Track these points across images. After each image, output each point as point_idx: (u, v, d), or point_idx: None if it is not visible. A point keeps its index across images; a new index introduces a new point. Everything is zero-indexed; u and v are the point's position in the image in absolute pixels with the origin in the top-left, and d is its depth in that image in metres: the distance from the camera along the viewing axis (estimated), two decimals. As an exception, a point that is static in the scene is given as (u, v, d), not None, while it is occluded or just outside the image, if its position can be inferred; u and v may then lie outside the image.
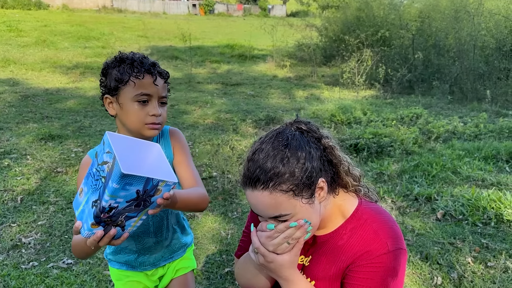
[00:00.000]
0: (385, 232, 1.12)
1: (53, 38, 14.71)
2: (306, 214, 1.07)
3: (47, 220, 3.36)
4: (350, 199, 1.20)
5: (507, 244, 3.11)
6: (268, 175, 1.03)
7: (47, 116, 6.32)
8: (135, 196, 1.04)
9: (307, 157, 1.06)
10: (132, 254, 1.56)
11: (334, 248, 1.17)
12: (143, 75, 1.33)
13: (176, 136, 1.53)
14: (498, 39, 9.10)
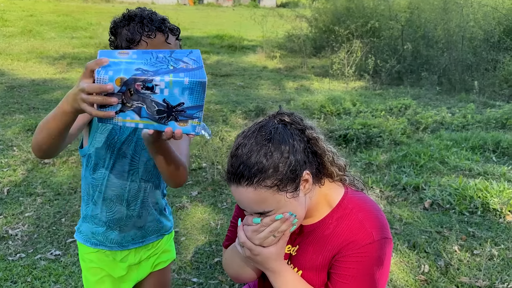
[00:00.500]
0: (370, 221, 1.13)
1: (39, 28, 14.48)
2: (291, 207, 1.08)
3: (34, 211, 3.33)
4: (336, 189, 1.21)
5: (492, 232, 3.16)
6: (252, 171, 1.03)
7: (34, 107, 6.24)
8: (175, 103, 1.03)
9: (290, 150, 1.05)
10: (101, 226, 1.50)
11: (321, 238, 1.17)
12: (155, 34, 1.29)
13: None
14: (486, 30, 9.16)
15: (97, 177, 1.45)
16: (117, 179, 1.45)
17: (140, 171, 1.46)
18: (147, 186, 1.50)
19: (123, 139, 1.41)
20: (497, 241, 3.03)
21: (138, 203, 1.50)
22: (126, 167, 1.44)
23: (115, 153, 1.42)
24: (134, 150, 1.43)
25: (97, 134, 1.40)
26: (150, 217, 1.56)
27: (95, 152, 1.42)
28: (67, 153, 4.44)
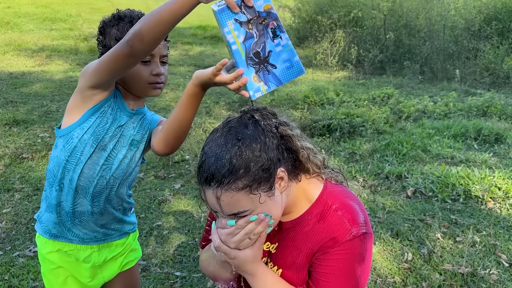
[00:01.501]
0: (350, 217, 1.10)
1: (17, 20, 14.12)
2: (266, 207, 1.04)
3: (12, 207, 3.25)
4: (314, 183, 1.17)
5: (474, 219, 3.19)
6: (222, 173, 0.98)
7: (12, 100, 6.08)
8: (274, 62, 1.11)
9: (262, 148, 1.01)
10: (63, 216, 1.43)
11: (301, 235, 1.14)
12: None
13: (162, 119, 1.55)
14: (467, 19, 9.23)
15: (71, 161, 1.38)
16: (88, 169, 1.39)
17: (113, 168, 1.43)
18: (115, 184, 1.45)
19: (110, 132, 1.39)
20: (479, 228, 3.07)
21: (102, 199, 1.44)
22: (101, 160, 1.40)
23: (96, 142, 1.38)
24: (115, 145, 1.41)
25: (91, 118, 1.36)
26: (112, 216, 1.51)
27: (79, 135, 1.37)
28: (46, 147, 4.35)
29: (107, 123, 1.38)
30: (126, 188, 1.51)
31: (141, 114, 1.47)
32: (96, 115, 1.36)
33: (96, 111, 1.36)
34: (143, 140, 1.48)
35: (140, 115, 1.47)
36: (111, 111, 1.38)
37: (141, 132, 1.46)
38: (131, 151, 1.45)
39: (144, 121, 1.48)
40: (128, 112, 1.42)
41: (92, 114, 1.36)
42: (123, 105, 1.41)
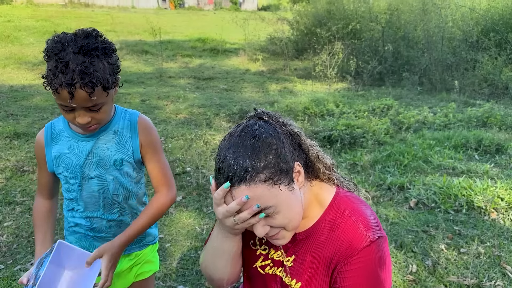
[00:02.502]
0: (364, 222, 1.09)
1: (18, 34, 14.21)
2: (289, 201, 1.03)
3: (13, 221, 3.23)
4: (327, 188, 1.17)
5: (478, 230, 3.18)
6: (243, 168, 0.98)
7: (12, 113, 6.09)
8: None
9: (278, 142, 1.02)
10: (83, 235, 1.50)
11: (317, 245, 1.13)
12: (60, 89, 1.18)
13: (145, 129, 1.45)
14: (465, 30, 9.31)
15: (69, 197, 1.46)
16: (89, 198, 1.44)
17: (111, 188, 1.43)
18: (120, 200, 1.47)
19: (82, 163, 1.39)
20: (483, 239, 3.05)
21: (115, 214, 1.48)
22: (95, 187, 1.42)
23: (79, 178, 1.40)
24: (99, 170, 1.40)
25: (56, 162, 1.41)
26: None
27: (64, 181, 1.44)
28: (47, 160, 4.34)
29: (71, 160, 1.39)
30: (135, 199, 1.52)
31: (105, 133, 1.40)
32: (56, 162, 1.41)
33: (52, 158, 1.41)
34: (127, 156, 1.43)
35: (106, 134, 1.40)
36: (68, 151, 1.39)
37: (121, 150, 1.41)
38: (120, 169, 1.43)
39: (121, 138, 1.42)
40: (85, 137, 1.38)
41: (52, 160, 1.41)
42: (75, 134, 1.39)
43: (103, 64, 1.23)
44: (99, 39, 1.26)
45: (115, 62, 1.28)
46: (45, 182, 1.48)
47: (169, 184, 1.49)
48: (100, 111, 1.28)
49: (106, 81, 1.23)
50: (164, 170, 1.49)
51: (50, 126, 1.44)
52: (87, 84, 1.18)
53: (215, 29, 17.91)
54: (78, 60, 1.18)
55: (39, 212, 1.49)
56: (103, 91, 1.24)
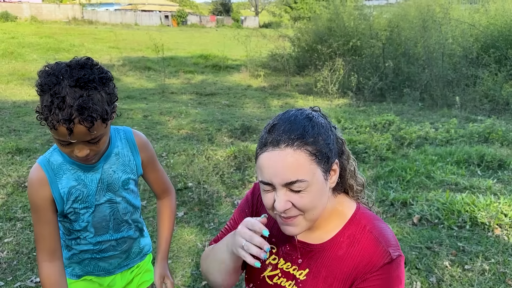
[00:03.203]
0: (385, 238, 1.07)
1: (21, 50, 14.36)
2: (320, 189, 1.01)
3: (14, 237, 3.21)
4: (348, 202, 1.15)
5: (482, 246, 3.15)
6: (294, 134, 0.98)
7: (15, 129, 6.11)
8: None
9: (329, 132, 1.04)
10: (89, 259, 1.47)
11: (334, 259, 1.10)
12: (58, 125, 1.12)
13: (144, 146, 1.46)
14: (465, 47, 9.38)
15: (76, 228, 1.41)
16: (99, 223, 1.42)
17: (120, 208, 1.43)
18: (127, 217, 1.48)
19: (94, 191, 1.36)
20: (487, 256, 3.02)
21: (123, 231, 1.48)
22: (107, 211, 1.41)
23: (93, 207, 1.37)
24: (109, 195, 1.40)
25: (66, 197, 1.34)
26: (133, 240, 1.54)
27: (72, 213, 1.37)
28: (48, 175, 4.33)
29: (82, 191, 1.35)
30: (138, 213, 1.54)
31: (109, 157, 1.38)
32: (67, 196, 1.34)
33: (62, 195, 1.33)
34: (132, 174, 1.44)
35: (109, 158, 1.38)
36: (76, 183, 1.34)
37: (126, 169, 1.42)
38: (127, 188, 1.43)
39: (123, 158, 1.41)
40: (92, 167, 1.35)
41: (61, 198, 1.33)
42: (80, 165, 1.33)
43: (101, 95, 1.16)
44: (95, 69, 1.18)
45: (112, 91, 1.22)
46: (50, 233, 1.32)
47: (169, 189, 1.58)
48: (99, 143, 1.24)
49: (105, 113, 1.17)
50: (164, 176, 1.56)
51: (47, 162, 1.31)
52: (86, 119, 1.12)
53: (217, 46, 18.09)
54: (75, 94, 1.10)
55: (52, 279, 1.32)
56: (102, 123, 1.18)
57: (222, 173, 4.53)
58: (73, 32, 22.16)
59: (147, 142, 1.48)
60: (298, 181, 0.98)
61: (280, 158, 0.98)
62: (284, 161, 0.98)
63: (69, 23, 29.60)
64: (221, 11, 54.84)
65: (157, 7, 47.14)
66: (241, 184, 4.36)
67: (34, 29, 21.52)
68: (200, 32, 32.82)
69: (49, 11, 31.16)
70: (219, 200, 3.97)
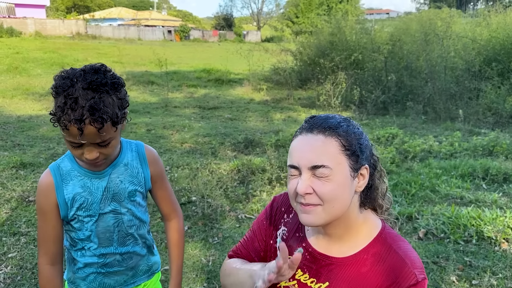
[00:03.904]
0: (411, 260, 1.05)
1: (26, 65, 14.48)
2: (344, 183, 1.03)
3: (18, 252, 3.20)
4: (374, 219, 1.15)
5: (489, 261, 3.11)
6: (328, 124, 1.05)
7: (19, 143, 6.13)
8: None
9: (363, 137, 1.08)
10: (94, 273, 1.45)
11: (357, 275, 1.08)
12: (70, 125, 1.17)
13: (154, 161, 1.48)
14: (467, 60, 9.42)
15: (80, 237, 1.42)
16: (103, 234, 1.42)
17: (125, 220, 1.43)
18: (133, 231, 1.46)
19: (99, 200, 1.37)
20: (495, 270, 2.99)
21: (128, 246, 1.47)
22: (111, 221, 1.41)
23: (96, 215, 1.38)
24: (114, 205, 1.40)
25: (70, 203, 1.37)
26: (140, 256, 1.52)
27: (75, 221, 1.39)
28: (52, 190, 4.33)
29: (87, 198, 1.36)
30: (145, 228, 1.52)
31: (117, 167, 1.40)
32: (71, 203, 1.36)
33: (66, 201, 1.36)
34: (139, 186, 1.44)
35: (117, 168, 1.40)
36: (82, 190, 1.36)
37: (134, 181, 1.43)
38: (133, 201, 1.43)
39: (132, 169, 1.42)
40: (99, 174, 1.37)
41: (66, 203, 1.36)
42: (87, 172, 1.36)
43: (112, 99, 1.22)
44: (108, 74, 1.24)
45: (123, 97, 1.27)
46: (52, 237, 1.37)
47: (177, 210, 1.58)
48: (109, 146, 1.27)
49: (116, 116, 1.22)
50: (172, 196, 1.56)
51: (57, 168, 1.36)
52: (97, 119, 1.16)
53: (220, 60, 18.20)
54: (87, 96, 1.16)
55: (51, 282, 1.39)
56: (112, 126, 1.23)
57: (225, 187, 4.52)
58: (77, 47, 22.37)
59: (158, 158, 1.50)
60: (323, 167, 1.01)
61: (310, 142, 1.04)
62: (313, 144, 1.03)
63: (73, 38, 29.89)
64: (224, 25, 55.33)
65: (160, 22, 47.60)
66: (245, 198, 4.35)
67: (38, 44, 21.74)
68: (202, 47, 33.07)
69: (53, 27, 31.50)
70: (223, 214, 3.96)
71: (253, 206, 4.11)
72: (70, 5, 55.69)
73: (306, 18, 42.64)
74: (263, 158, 5.30)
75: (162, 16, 53.93)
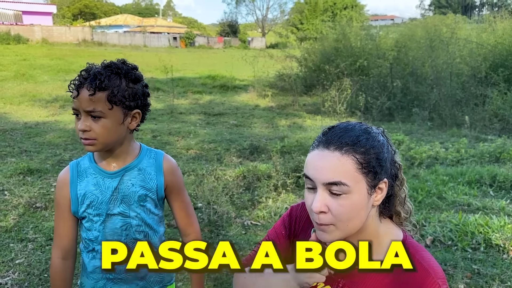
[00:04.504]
0: (434, 270, 1.05)
1: (33, 72, 14.60)
2: (361, 201, 1.01)
3: (25, 258, 3.21)
4: (395, 229, 1.14)
5: (498, 269, 3.09)
6: (345, 140, 1.01)
7: (26, 150, 6.17)
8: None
9: (383, 150, 1.04)
10: (102, 279, 1.45)
11: (380, 286, 1.07)
12: (72, 88, 1.30)
13: (171, 170, 1.48)
14: (473, 66, 9.39)
15: (90, 237, 1.43)
16: (111, 236, 1.42)
17: (133, 224, 1.43)
18: (142, 237, 1.46)
19: (108, 199, 1.39)
20: (503, 278, 2.96)
21: None
22: (118, 224, 1.42)
23: (103, 215, 1.40)
24: (122, 207, 1.41)
25: (81, 200, 1.40)
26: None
27: (86, 219, 1.42)
28: (59, 196, 4.35)
29: (97, 196, 1.39)
30: (157, 238, 1.51)
31: (131, 170, 1.42)
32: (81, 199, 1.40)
33: (77, 197, 1.40)
34: (151, 192, 1.44)
35: (131, 171, 1.42)
36: (94, 188, 1.39)
37: (146, 186, 1.43)
38: (143, 206, 1.43)
39: (145, 175, 1.44)
40: (111, 174, 1.40)
41: (77, 200, 1.40)
42: (101, 170, 1.40)
43: (121, 82, 1.30)
44: (128, 64, 1.36)
45: (136, 90, 1.34)
46: (66, 231, 1.42)
47: (194, 225, 1.56)
48: (99, 124, 1.29)
49: (113, 93, 1.28)
50: (190, 210, 1.54)
51: (76, 164, 1.43)
52: (92, 84, 1.25)
53: (225, 66, 18.27)
54: (98, 70, 1.29)
55: (60, 275, 1.44)
56: (107, 101, 1.27)
57: (231, 194, 4.52)
58: (83, 53, 22.54)
59: (176, 169, 1.50)
60: (340, 184, 0.99)
61: (327, 159, 1.01)
62: (330, 162, 1.00)
63: (79, 45, 30.12)
64: (228, 32, 55.58)
65: (166, 29, 47.89)
66: (251, 204, 4.34)
67: (45, 51, 21.93)
68: (208, 53, 33.22)
69: (60, 34, 31.76)
70: (228, 221, 3.95)
71: (259, 213, 4.11)
72: (77, 12, 56.19)
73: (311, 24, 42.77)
74: (269, 165, 5.30)
75: (168, 23, 54.26)
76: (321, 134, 1.07)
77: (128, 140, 1.41)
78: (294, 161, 5.18)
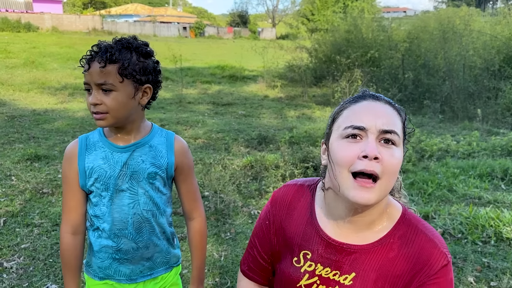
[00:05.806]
0: (439, 239, 1.01)
1: (42, 60, 14.63)
2: (401, 158, 1.01)
3: (31, 243, 3.21)
4: (394, 203, 1.09)
5: (508, 263, 3.03)
6: (389, 100, 1.06)
7: (34, 136, 6.18)
8: None
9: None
10: (108, 259, 1.43)
11: (385, 262, 1.01)
12: (83, 62, 1.31)
13: (181, 151, 1.46)
14: (486, 59, 9.22)
15: (97, 213, 1.41)
16: (118, 213, 1.39)
17: (141, 202, 1.40)
18: (150, 216, 1.43)
19: (116, 174, 1.37)
20: (514, 272, 2.90)
21: (144, 234, 1.43)
22: (126, 200, 1.39)
23: (111, 189, 1.37)
24: (131, 183, 1.38)
25: (89, 173, 1.38)
26: (158, 248, 1.48)
27: (94, 195, 1.40)
28: (66, 182, 4.34)
29: (106, 171, 1.36)
30: (164, 218, 1.48)
31: (142, 146, 1.40)
32: (89, 173, 1.37)
33: (85, 170, 1.38)
34: (161, 170, 1.41)
35: (142, 147, 1.39)
36: (102, 162, 1.37)
37: (156, 163, 1.41)
38: (152, 183, 1.41)
39: (156, 152, 1.41)
40: (121, 148, 1.37)
41: (85, 174, 1.38)
42: (111, 144, 1.38)
43: (132, 56, 1.31)
44: (140, 41, 1.37)
45: (147, 65, 1.34)
46: (74, 205, 1.40)
47: (199, 209, 1.55)
48: (110, 97, 1.28)
49: (124, 66, 1.28)
50: (197, 194, 1.54)
51: (85, 138, 1.41)
52: (103, 57, 1.26)
53: (234, 57, 18.19)
54: (109, 44, 1.32)
55: (70, 252, 1.42)
56: (118, 74, 1.27)
57: (238, 183, 4.48)
58: (92, 42, 22.30)
59: (187, 151, 1.48)
60: (395, 133, 0.98)
61: (383, 109, 1.02)
62: (386, 111, 1.01)
63: (89, 33, 30.17)
64: (239, 22, 55.32)
65: (176, 19, 47.79)
66: (258, 194, 4.31)
67: (55, 39, 21.98)
68: (217, 43, 33.10)
69: (70, 22, 31.82)
70: (235, 210, 3.92)
71: (266, 202, 4.07)
72: (87, 1, 56.24)
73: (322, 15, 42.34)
74: (277, 155, 5.25)
75: (178, 13, 54.14)
76: (354, 97, 1.09)
77: (139, 117, 1.39)
78: (303, 152, 5.13)
